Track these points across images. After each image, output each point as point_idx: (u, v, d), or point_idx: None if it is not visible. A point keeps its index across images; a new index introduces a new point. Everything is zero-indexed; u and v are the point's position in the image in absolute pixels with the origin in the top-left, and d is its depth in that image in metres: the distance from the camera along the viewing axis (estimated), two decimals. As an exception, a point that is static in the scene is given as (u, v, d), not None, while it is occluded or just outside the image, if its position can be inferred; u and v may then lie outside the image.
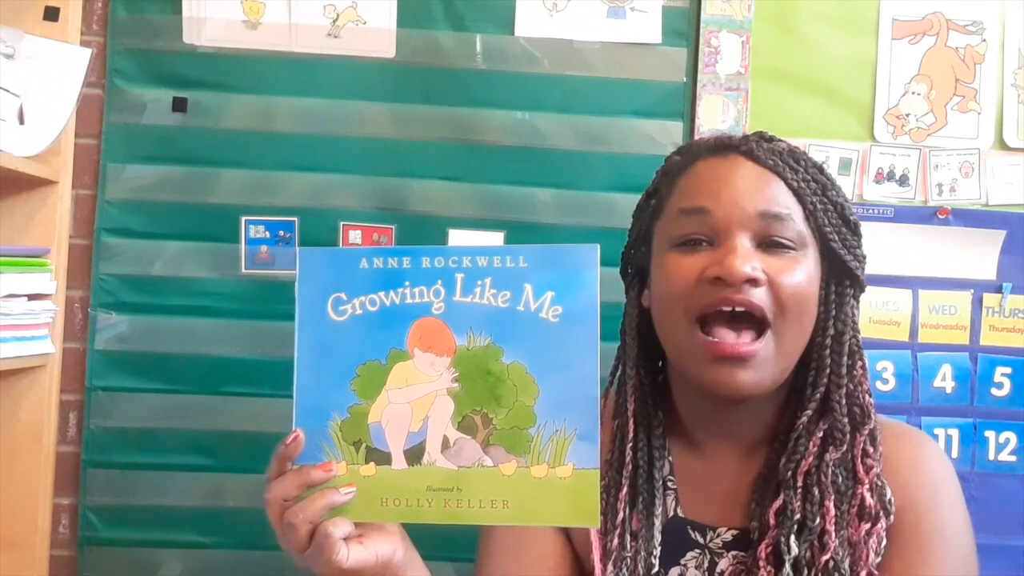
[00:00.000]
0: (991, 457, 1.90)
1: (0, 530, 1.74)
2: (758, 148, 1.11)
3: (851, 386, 1.12)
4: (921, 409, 1.90)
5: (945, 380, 1.90)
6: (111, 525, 1.80)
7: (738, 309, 1.04)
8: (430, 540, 1.05)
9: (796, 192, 1.09)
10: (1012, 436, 1.90)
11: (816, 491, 1.07)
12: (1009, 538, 1.87)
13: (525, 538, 1.16)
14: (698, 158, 1.14)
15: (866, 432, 1.10)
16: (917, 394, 1.90)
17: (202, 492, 1.82)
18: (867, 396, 1.12)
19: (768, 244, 1.07)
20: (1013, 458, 1.90)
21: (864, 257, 1.16)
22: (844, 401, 1.10)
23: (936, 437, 1.89)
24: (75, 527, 1.81)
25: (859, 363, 1.14)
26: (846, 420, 1.09)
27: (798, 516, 1.05)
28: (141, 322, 1.83)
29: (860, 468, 1.08)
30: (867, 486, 1.07)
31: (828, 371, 1.11)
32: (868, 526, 1.06)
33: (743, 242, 1.05)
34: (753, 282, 1.04)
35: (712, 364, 1.06)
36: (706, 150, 1.15)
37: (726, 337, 1.05)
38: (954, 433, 1.89)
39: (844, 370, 1.11)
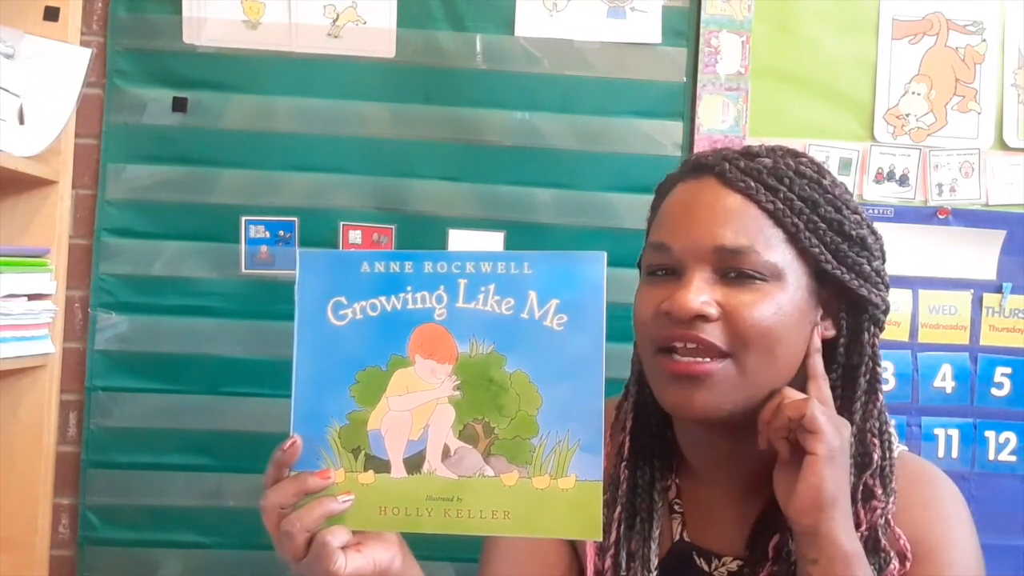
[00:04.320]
0: (991, 457, 1.90)
1: (0, 530, 1.74)
2: (731, 170, 1.05)
3: (861, 423, 1.06)
4: (921, 409, 1.90)
5: (945, 380, 1.91)
6: (111, 525, 1.81)
7: (689, 345, 1.01)
8: (430, 541, 1.04)
9: (773, 215, 1.03)
10: (1012, 436, 1.90)
11: None
12: (1009, 538, 1.88)
13: (533, 546, 1.14)
14: (678, 181, 1.11)
15: (869, 473, 1.05)
16: (917, 394, 1.90)
17: (202, 492, 1.82)
18: (875, 438, 1.06)
19: (733, 276, 1.02)
20: (1013, 458, 1.90)
21: (876, 273, 1.08)
22: (853, 440, 1.04)
23: (936, 437, 1.89)
24: (75, 527, 1.81)
25: (875, 400, 1.07)
26: (851, 461, 1.02)
27: (795, 557, 1.00)
28: (141, 322, 1.83)
29: (861, 510, 1.03)
30: (865, 527, 1.03)
31: (837, 406, 1.05)
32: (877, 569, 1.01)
33: (698, 277, 1.01)
34: (704, 317, 1.00)
35: (670, 384, 1.03)
36: (687, 171, 1.11)
37: (684, 356, 1.02)
38: (954, 433, 1.90)
39: (858, 406, 1.06)
